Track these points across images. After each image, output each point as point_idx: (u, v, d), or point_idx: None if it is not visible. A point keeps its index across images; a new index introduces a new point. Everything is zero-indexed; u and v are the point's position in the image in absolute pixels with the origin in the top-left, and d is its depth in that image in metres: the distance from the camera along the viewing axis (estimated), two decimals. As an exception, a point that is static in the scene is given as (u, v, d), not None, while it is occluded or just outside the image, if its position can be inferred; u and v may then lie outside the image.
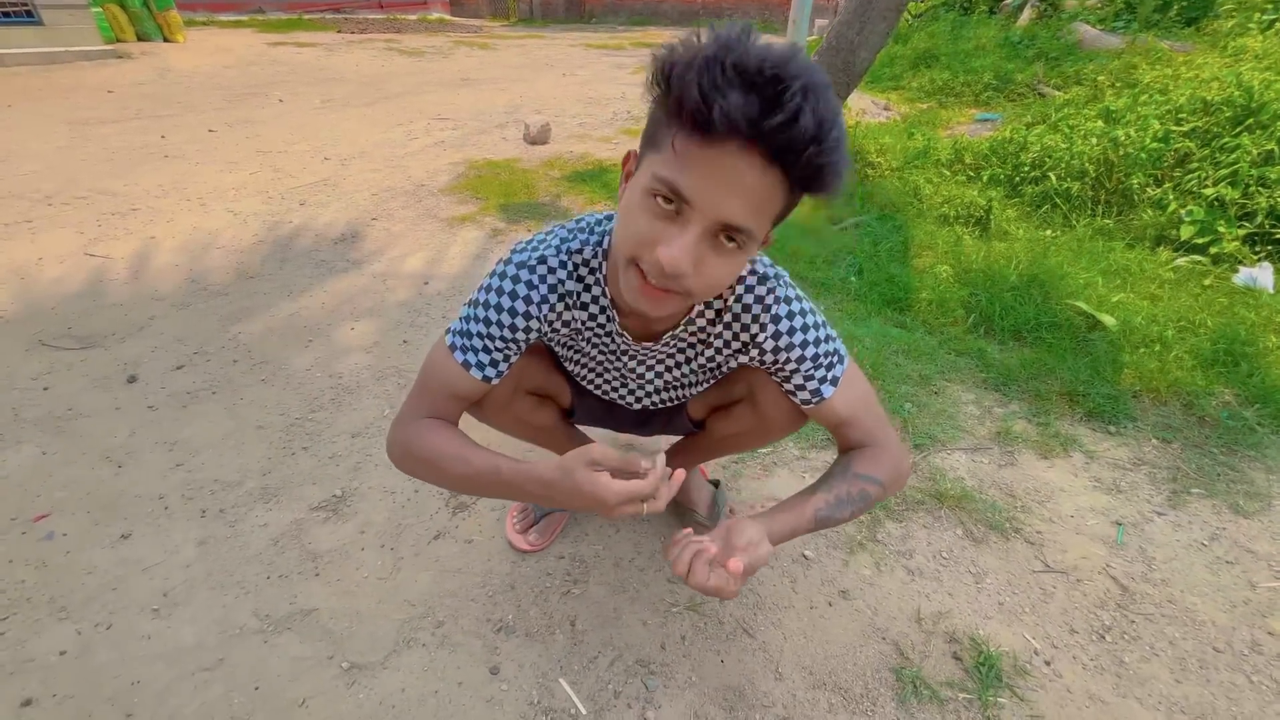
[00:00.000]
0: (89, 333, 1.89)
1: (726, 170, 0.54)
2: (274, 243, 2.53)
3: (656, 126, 0.59)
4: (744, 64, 0.49)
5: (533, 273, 0.78)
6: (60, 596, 1.09)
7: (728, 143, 0.52)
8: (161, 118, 4.55)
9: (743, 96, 0.49)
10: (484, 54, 9.24)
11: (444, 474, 0.80)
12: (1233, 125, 2.52)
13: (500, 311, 0.78)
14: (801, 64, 0.51)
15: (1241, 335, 1.78)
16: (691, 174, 0.55)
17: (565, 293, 0.80)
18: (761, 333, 0.79)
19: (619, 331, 0.83)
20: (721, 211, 0.56)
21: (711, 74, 0.50)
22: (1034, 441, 1.52)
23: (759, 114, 0.50)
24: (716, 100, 0.49)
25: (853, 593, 1.13)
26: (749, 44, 0.51)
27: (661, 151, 0.57)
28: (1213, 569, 1.19)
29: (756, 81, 0.50)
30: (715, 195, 0.55)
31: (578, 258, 0.78)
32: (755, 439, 1.01)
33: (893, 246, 2.45)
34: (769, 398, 0.88)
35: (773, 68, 0.49)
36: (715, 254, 0.59)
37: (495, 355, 0.81)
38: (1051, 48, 5.77)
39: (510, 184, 3.26)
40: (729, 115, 0.49)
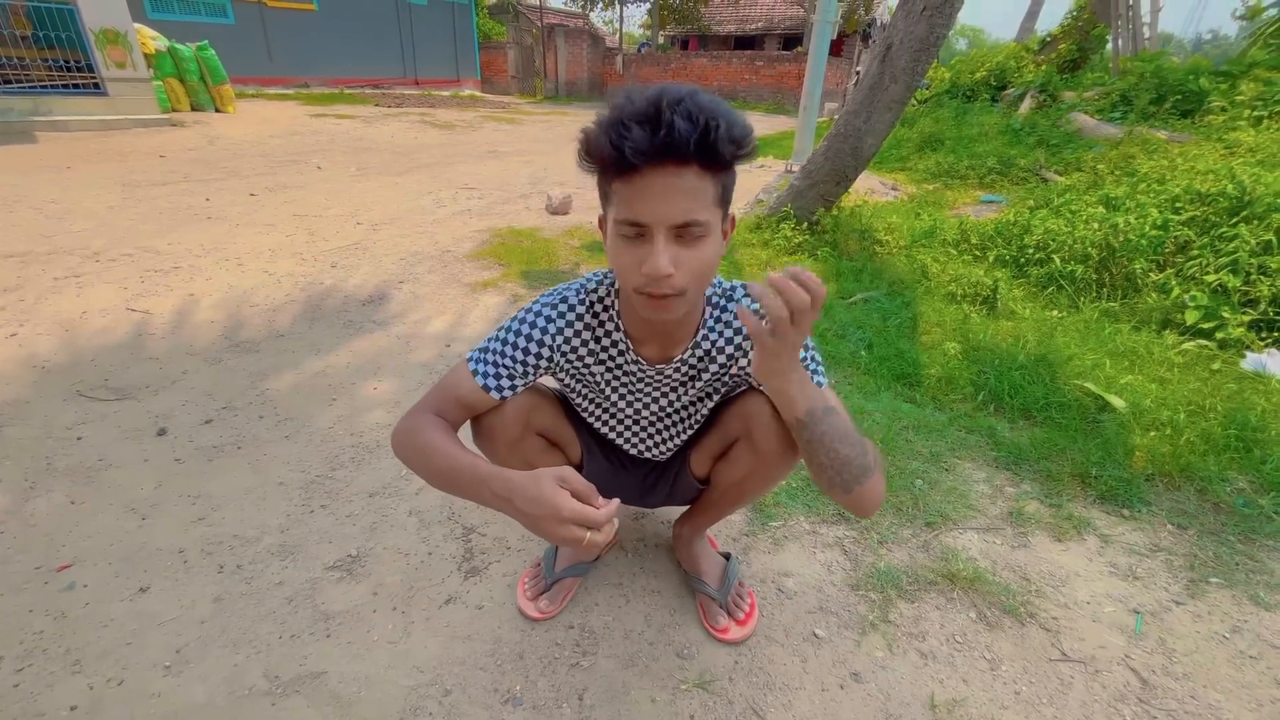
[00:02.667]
0: (124, 385, 1.97)
1: (654, 188, 0.68)
2: (305, 302, 2.64)
3: (602, 187, 0.75)
4: (631, 111, 0.66)
5: (554, 309, 0.92)
6: (76, 649, 1.10)
7: (644, 169, 0.67)
8: (207, 181, 4.85)
9: (639, 131, 0.65)
10: (511, 128, 9.82)
11: (430, 464, 0.85)
12: (1229, 215, 2.61)
13: (519, 336, 0.91)
14: (669, 89, 0.66)
15: (1253, 421, 1.78)
16: (635, 204, 0.70)
17: (586, 325, 0.93)
18: None
19: (634, 359, 0.93)
20: (669, 216, 0.70)
21: (614, 129, 0.66)
22: (1047, 523, 1.51)
23: (650, 136, 0.65)
24: (623, 144, 0.65)
25: (865, 675, 1.12)
26: (631, 99, 0.67)
27: (611, 201, 0.74)
28: (1236, 664, 1.16)
29: (642, 118, 0.65)
30: (657, 208, 0.69)
31: (593, 296, 0.93)
32: (757, 481, 1.03)
33: (901, 322, 2.52)
34: (763, 427, 0.94)
35: (649, 103, 0.65)
36: (685, 248, 0.73)
37: (504, 376, 0.92)
38: (1052, 135, 6.05)
39: (532, 251, 3.41)
40: (635, 148, 0.65)
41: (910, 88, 3.26)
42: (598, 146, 0.68)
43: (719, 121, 0.66)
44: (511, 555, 1.36)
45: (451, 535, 1.41)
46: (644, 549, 1.40)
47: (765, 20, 23.12)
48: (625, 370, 0.97)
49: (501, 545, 1.38)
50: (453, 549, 1.37)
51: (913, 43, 3.13)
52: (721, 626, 1.16)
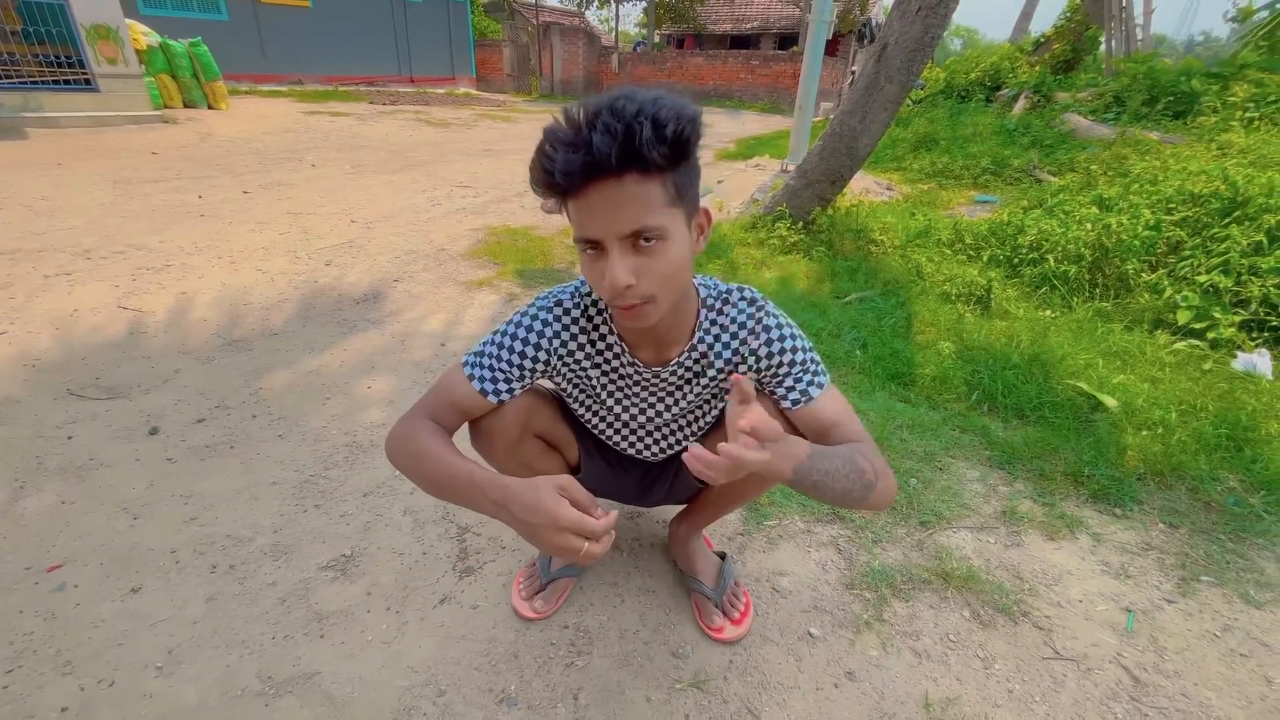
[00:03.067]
0: (116, 383, 1.95)
1: (596, 204, 0.68)
2: (299, 301, 2.63)
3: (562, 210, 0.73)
4: (556, 134, 0.66)
5: (549, 313, 0.91)
6: (66, 650, 1.10)
7: (581, 188, 0.67)
8: (200, 179, 4.82)
9: (563, 154, 0.65)
10: (506, 126, 9.79)
11: (424, 470, 0.84)
12: (1221, 216, 2.63)
13: (514, 340, 0.91)
14: (595, 101, 0.65)
15: (1243, 421, 1.80)
16: (583, 222, 0.70)
17: (581, 329, 0.92)
18: (754, 340, 0.90)
19: (630, 361, 0.93)
20: (615, 228, 0.69)
21: (544, 156, 0.67)
22: (1040, 522, 1.52)
23: (573, 157, 0.64)
24: (555, 169, 0.65)
25: (859, 674, 1.12)
26: (559, 120, 0.67)
27: (570, 222, 0.73)
28: (1226, 662, 1.17)
29: (565, 140, 0.65)
30: (603, 222, 0.69)
31: (588, 300, 0.92)
32: (755, 481, 1.03)
33: (896, 322, 2.52)
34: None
35: (571, 122, 0.65)
36: (644, 256, 0.71)
37: (499, 380, 0.91)
38: (1045, 136, 6.07)
39: (527, 250, 3.41)
40: (563, 171, 0.65)
41: (905, 88, 3.27)
42: (535, 173, 0.69)
43: (641, 125, 0.62)
44: (506, 555, 1.35)
45: (446, 535, 1.40)
46: (639, 548, 1.40)
47: (761, 20, 23.14)
48: (622, 374, 0.96)
49: (496, 545, 1.38)
50: (447, 549, 1.36)
51: (908, 43, 3.14)
52: (716, 626, 1.16)
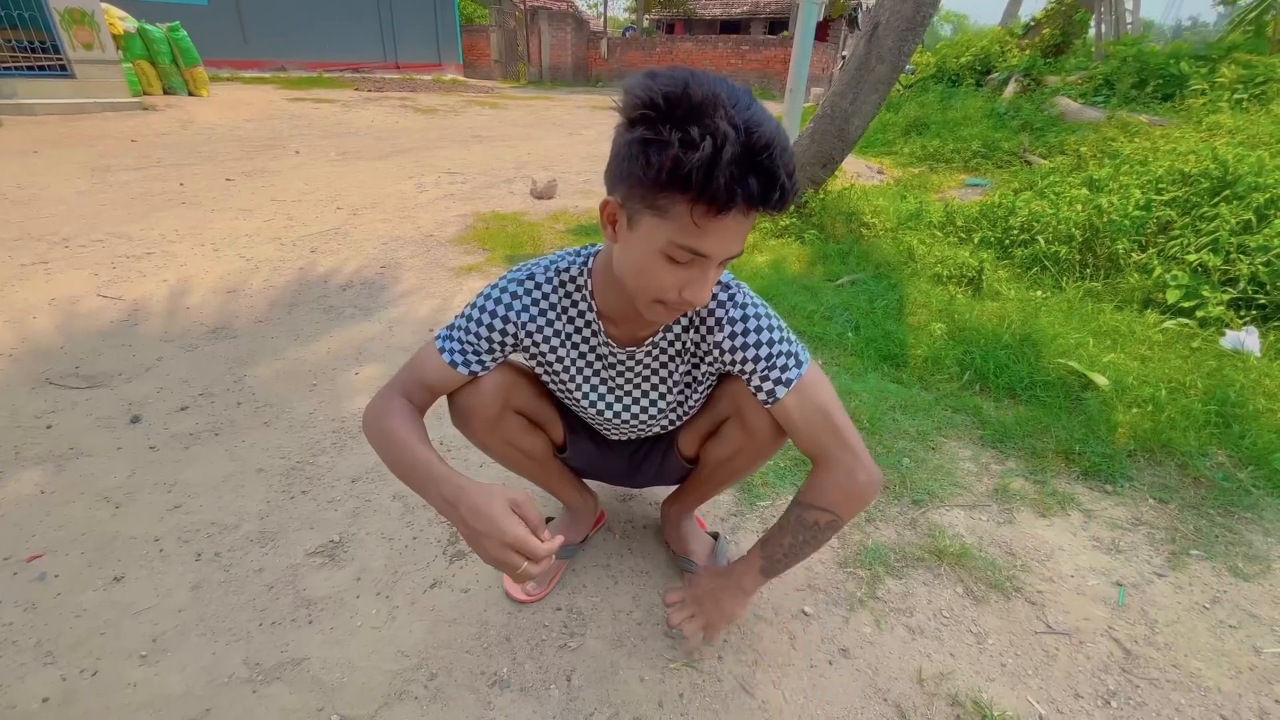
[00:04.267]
0: (96, 372, 1.91)
1: (734, 228, 0.66)
2: (284, 288, 2.59)
3: (658, 197, 0.64)
4: (749, 156, 0.59)
5: (520, 286, 0.89)
6: (48, 640, 1.07)
7: (737, 210, 0.62)
8: (181, 166, 4.72)
9: (756, 181, 0.60)
10: (494, 113, 9.66)
11: (390, 452, 0.83)
12: (1210, 196, 2.63)
13: (484, 313, 0.88)
14: (779, 138, 0.61)
15: (1232, 397, 1.81)
16: (711, 238, 0.66)
17: (551, 305, 0.90)
18: (719, 331, 0.88)
19: (605, 340, 0.91)
20: (730, 251, 0.69)
21: (733, 170, 0.59)
22: (1032, 499, 1.52)
23: (763, 191, 0.61)
24: (738, 190, 0.60)
25: (853, 651, 1.12)
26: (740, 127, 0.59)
27: (672, 221, 0.65)
28: (1216, 633, 1.18)
29: (755, 164, 0.60)
30: (727, 246, 0.67)
31: (565, 275, 0.89)
32: (746, 459, 1.02)
33: (888, 304, 2.51)
34: (753, 405, 0.92)
35: (763, 150, 0.60)
36: (716, 273, 0.72)
37: (470, 353, 0.89)
38: (1035, 119, 6.07)
39: (517, 236, 3.37)
40: (748, 197, 0.61)
41: (897, 68, 3.25)
42: (704, 183, 0.59)
43: (799, 179, 0.65)
44: (498, 538, 1.34)
45: (436, 520, 1.38)
46: (631, 530, 1.39)
47: (751, 4, 22.92)
48: (597, 353, 0.94)
49: (487, 529, 1.36)
50: (437, 533, 1.35)
51: (899, 22, 3.11)
52: (710, 605, 1.15)
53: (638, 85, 0.61)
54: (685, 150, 0.59)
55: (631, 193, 0.66)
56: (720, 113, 0.58)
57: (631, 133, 0.62)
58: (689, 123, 0.59)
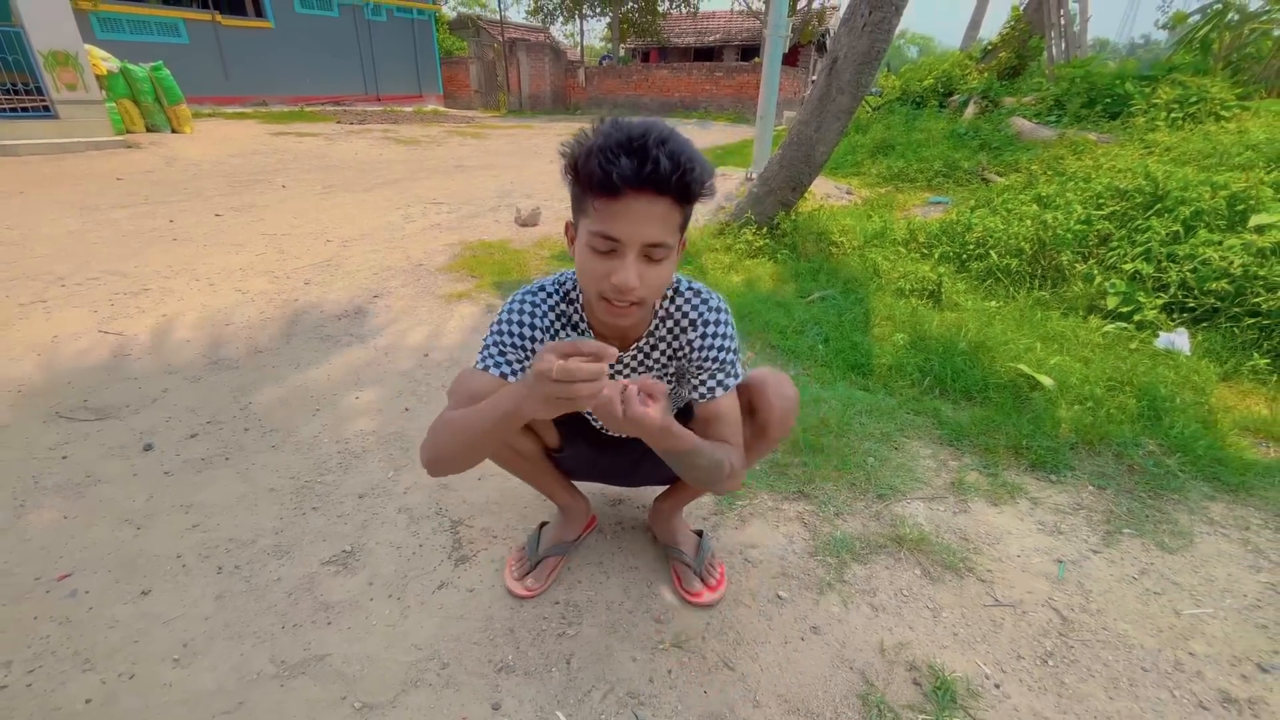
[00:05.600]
0: (104, 405, 2.00)
1: (634, 211, 0.79)
2: (281, 319, 2.69)
3: (578, 200, 0.85)
4: (621, 141, 0.77)
5: (534, 296, 1.03)
6: (84, 650, 1.16)
7: (627, 193, 0.78)
8: (169, 203, 4.81)
9: (628, 160, 0.76)
10: (476, 142, 9.87)
11: (457, 437, 0.90)
12: (1144, 210, 2.87)
13: (511, 324, 1.01)
14: (655, 127, 0.78)
15: (1163, 393, 1.99)
16: (614, 221, 0.80)
17: (560, 314, 1.04)
18: (692, 331, 1.03)
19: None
20: (643, 237, 0.81)
21: (604, 154, 0.76)
22: (985, 490, 1.67)
23: (638, 168, 0.76)
24: (613, 169, 0.76)
25: (823, 628, 1.25)
26: (620, 129, 0.78)
27: (588, 215, 0.83)
28: (1142, 599, 1.33)
29: (631, 148, 0.76)
30: (634, 228, 0.80)
31: (565, 287, 1.04)
32: (751, 453, 1.13)
33: (855, 317, 2.69)
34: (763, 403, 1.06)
35: (638, 137, 0.76)
36: (649, 266, 0.84)
37: (503, 360, 0.99)
38: (993, 139, 6.40)
39: (504, 263, 3.51)
40: (623, 175, 0.76)
41: (857, 98, 3.48)
42: (587, 167, 0.78)
43: (695, 165, 0.78)
44: (498, 543, 1.45)
45: (440, 528, 1.50)
46: (621, 531, 1.51)
47: (723, 32, 23.67)
48: None
49: (488, 534, 1.48)
50: (442, 540, 1.46)
51: (856, 56, 3.34)
52: (695, 591, 1.28)
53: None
54: (575, 150, 0.81)
55: (572, 209, 0.88)
56: (607, 126, 0.79)
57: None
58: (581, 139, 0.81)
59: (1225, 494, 1.65)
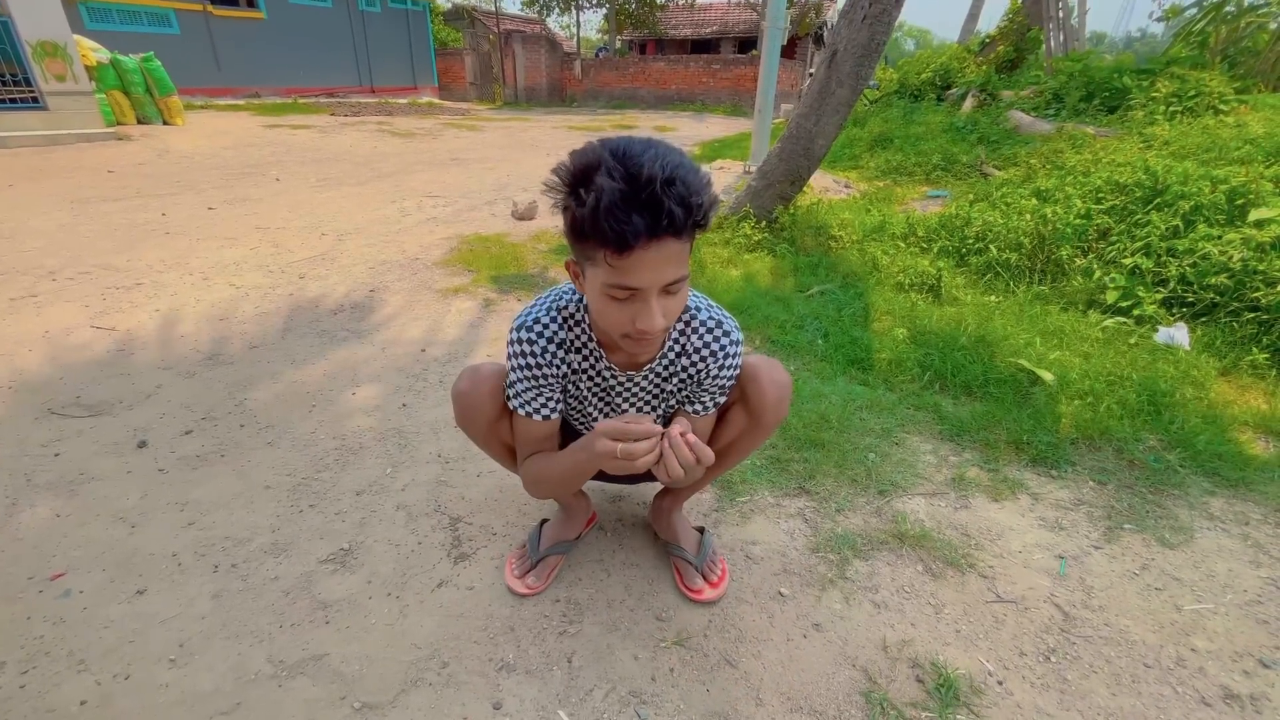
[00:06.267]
0: (97, 401, 1.97)
1: (648, 261, 0.76)
2: (276, 314, 2.66)
3: (583, 249, 0.79)
4: (628, 196, 0.71)
5: (530, 331, 1.00)
6: (79, 650, 1.15)
7: (639, 245, 0.74)
8: (161, 196, 4.76)
9: (639, 219, 0.72)
10: (472, 135, 9.80)
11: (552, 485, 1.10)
12: (1143, 204, 2.86)
13: (522, 369, 1.01)
14: (658, 165, 0.71)
15: (1163, 388, 1.99)
16: (629, 274, 0.77)
17: (561, 340, 1.01)
18: (714, 365, 1.04)
19: (608, 366, 1.04)
20: (660, 280, 0.79)
21: (612, 215, 0.71)
22: (985, 486, 1.67)
23: (652, 224, 0.72)
24: (626, 231, 0.72)
25: (825, 625, 1.24)
26: (618, 174, 0.71)
27: (599, 266, 0.79)
28: (1143, 595, 1.32)
29: (640, 202, 0.71)
30: (650, 276, 0.78)
31: (565, 312, 1.01)
32: (749, 440, 1.14)
33: (855, 312, 2.68)
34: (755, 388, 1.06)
35: (644, 185, 0.71)
36: (669, 299, 0.83)
37: (539, 399, 1.04)
38: (991, 132, 6.38)
39: (500, 257, 3.48)
40: (636, 234, 0.72)
41: (856, 91, 3.45)
42: (595, 231, 0.73)
43: (703, 199, 0.75)
44: (498, 540, 1.44)
45: (439, 525, 1.48)
46: (622, 528, 1.50)
47: (720, 24, 23.53)
48: (602, 376, 1.06)
49: (488, 532, 1.47)
50: (441, 538, 1.45)
51: (855, 49, 3.32)
52: (697, 588, 1.27)
53: (557, 166, 0.78)
54: (578, 208, 0.74)
55: (573, 250, 0.83)
56: (600, 171, 0.72)
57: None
58: (579, 186, 0.74)
59: (1225, 489, 1.65)
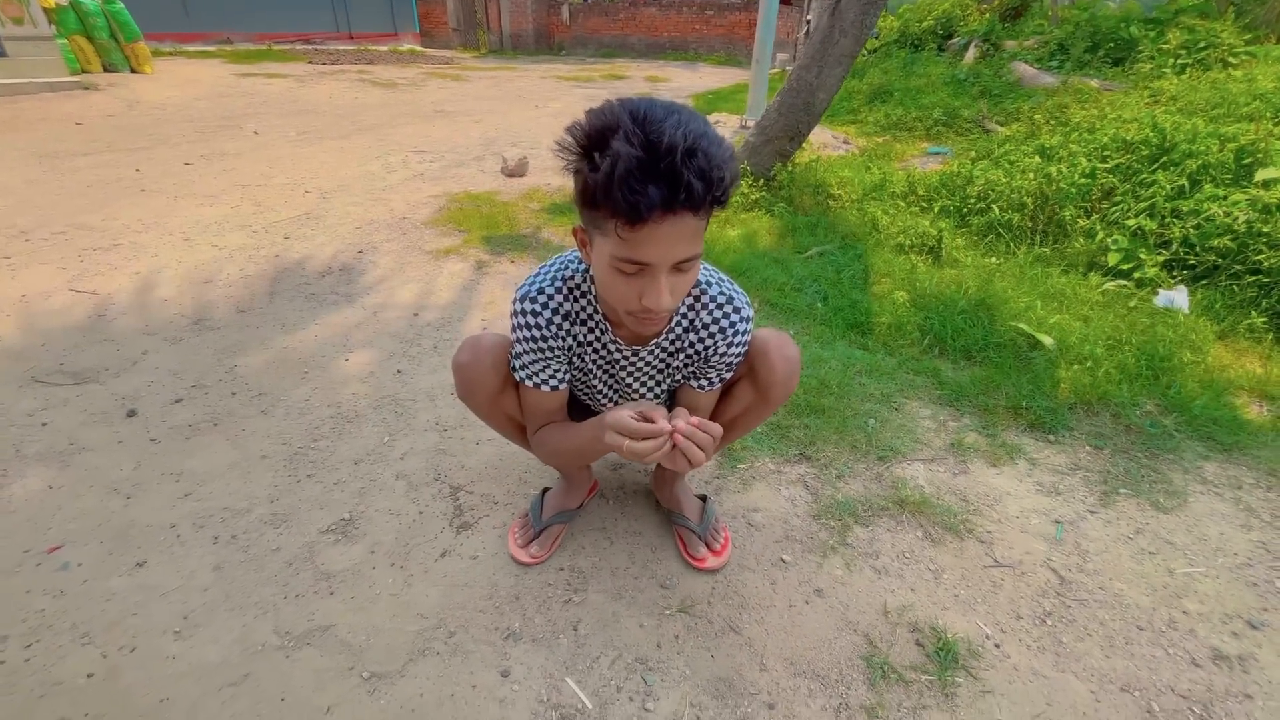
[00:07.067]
0: (82, 369, 1.92)
1: (662, 235, 0.71)
2: (262, 277, 2.59)
3: (594, 217, 0.74)
4: (645, 164, 0.65)
5: (534, 302, 0.97)
6: (82, 623, 1.14)
7: (652, 219, 0.69)
8: (134, 150, 4.56)
9: (655, 190, 0.66)
10: (456, 85, 9.41)
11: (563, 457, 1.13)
12: (1149, 163, 2.80)
13: (527, 341, 0.98)
14: (680, 133, 0.65)
15: (1161, 352, 1.99)
16: (640, 247, 0.72)
17: (566, 312, 0.98)
18: (723, 343, 1.01)
19: (613, 340, 1.01)
20: (672, 257, 0.74)
21: (627, 184, 0.65)
22: (984, 451, 1.68)
23: (669, 197, 0.67)
24: (640, 202, 0.66)
25: (826, 591, 1.26)
26: (636, 141, 0.65)
27: (608, 237, 0.73)
28: (1137, 558, 1.35)
29: (657, 172, 0.66)
30: (662, 251, 0.73)
31: (571, 283, 0.98)
32: (754, 415, 1.13)
33: (854, 274, 2.64)
34: (765, 364, 1.03)
35: (664, 155, 0.65)
36: (679, 277, 0.79)
37: (546, 370, 1.02)
38: (994, 85, 6.20)
39: (492, 216, 3.39)
40: (651, 206, 0.67)
41: (860, 40, 3.31)
42: (608, 199, 0.67)
43: (725, 174, 0.68)
44: (500, 509, 1.44)
45: (440, 495, 1.47)
46: (624, 496, 1.50)
47: (714, -34, 22.42)
48: (607, 350, 1.04)
49: (489, 501, 1.46)
50: (442, 507, 1.44)
51: (861, -5, 3.16)
52: (700, 556, 1.28)
53: (571, 125, 0.72)
54: (591, 173, 0.69)
55: (581, 216, 0.79)
56: (619, 135, 0.66)
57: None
58: (594, 149, 0.69)
59: (1219, 454, 1.67)
